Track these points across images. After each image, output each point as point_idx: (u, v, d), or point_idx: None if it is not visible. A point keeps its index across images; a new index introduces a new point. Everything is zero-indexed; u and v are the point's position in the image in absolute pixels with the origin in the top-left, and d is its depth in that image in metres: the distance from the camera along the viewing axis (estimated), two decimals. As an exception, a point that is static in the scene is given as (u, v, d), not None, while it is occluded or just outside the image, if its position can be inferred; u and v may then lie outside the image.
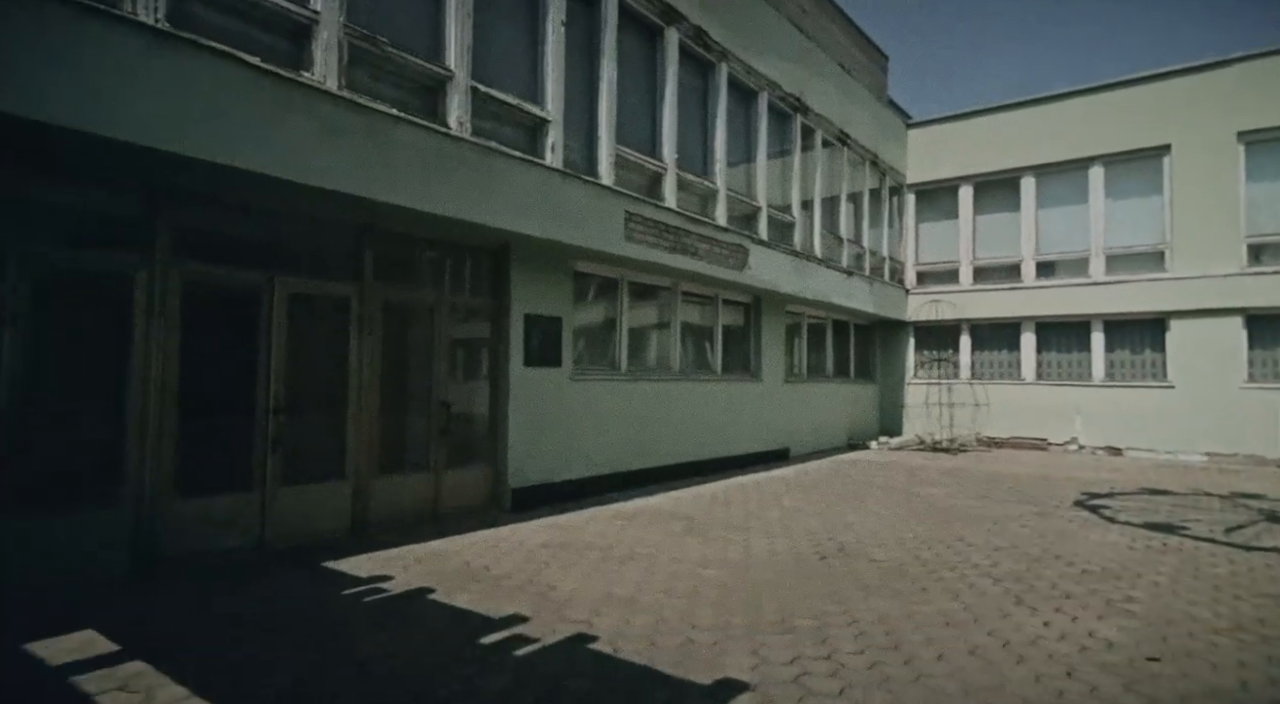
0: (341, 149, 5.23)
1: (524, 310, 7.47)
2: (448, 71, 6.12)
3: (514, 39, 6.95)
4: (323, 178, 5.13)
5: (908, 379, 15.64)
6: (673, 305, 9.71)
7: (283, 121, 4.89)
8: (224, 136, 4.59)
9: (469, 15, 6.28)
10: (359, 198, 5.41)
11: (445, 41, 6.18)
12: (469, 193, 6.14)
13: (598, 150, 7.75)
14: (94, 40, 4.05)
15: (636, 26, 8.40)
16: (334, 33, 5.29)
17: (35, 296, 4.49)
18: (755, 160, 10.56)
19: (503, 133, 6.75)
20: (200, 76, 4.48)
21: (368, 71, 5.67)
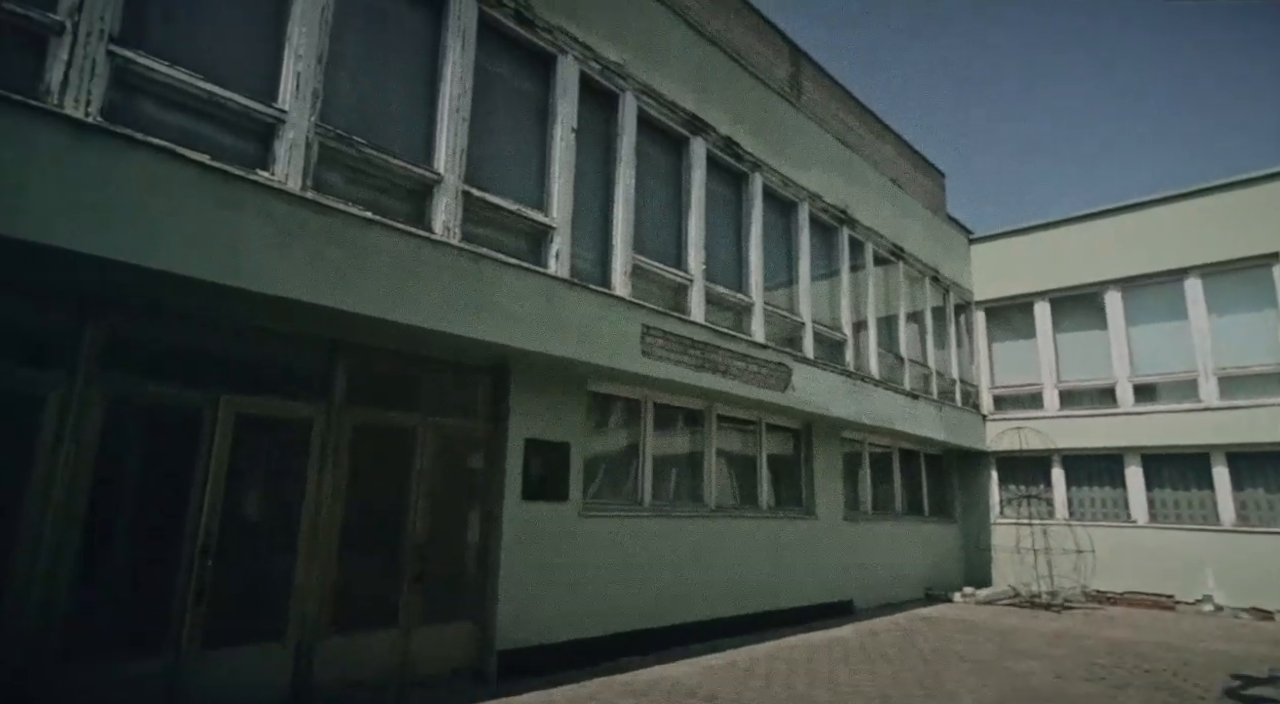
0: (300, 254, 4.66)
1: (524, 434, 6.57)
2: (436, 175, 5.65)
3: (517, 143, 6.53)
4: (277, 285, 4.54)
5: (993, 518, 13.69)
6: (707, 430, 8.63)
7: (230, 223, 4.37)
8: (156, 239, 4.07)
9: (464, 119, 5.89)
10: (322, 308, 4.78)
11: (436, 144, 5.75)
12: (455, 303, 5.47)
13: (611, 259, 7.09)
14: (5, 133, 3.65)
15: (658, 134, 7.98)
16: (303, 132, 4.88)
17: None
18: (797, 273, 9.74)
19: (501, 240, 6.16)
20: (131, 173, 4.02)
21: (342, 173, 5.21)
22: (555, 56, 6.76)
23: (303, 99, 4.92)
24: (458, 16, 5.96)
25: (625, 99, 7.40)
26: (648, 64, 7.65)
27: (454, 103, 5.84)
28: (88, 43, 4.04)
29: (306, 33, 4.99)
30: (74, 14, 4.00)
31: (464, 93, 5.92)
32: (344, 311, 4.90)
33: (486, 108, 6.25)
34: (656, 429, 8.08)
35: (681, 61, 8.11)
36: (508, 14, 6.35)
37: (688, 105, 8.12)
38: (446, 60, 5.88)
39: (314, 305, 4.75)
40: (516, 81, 6.59)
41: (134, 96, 4.30)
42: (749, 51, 9.95)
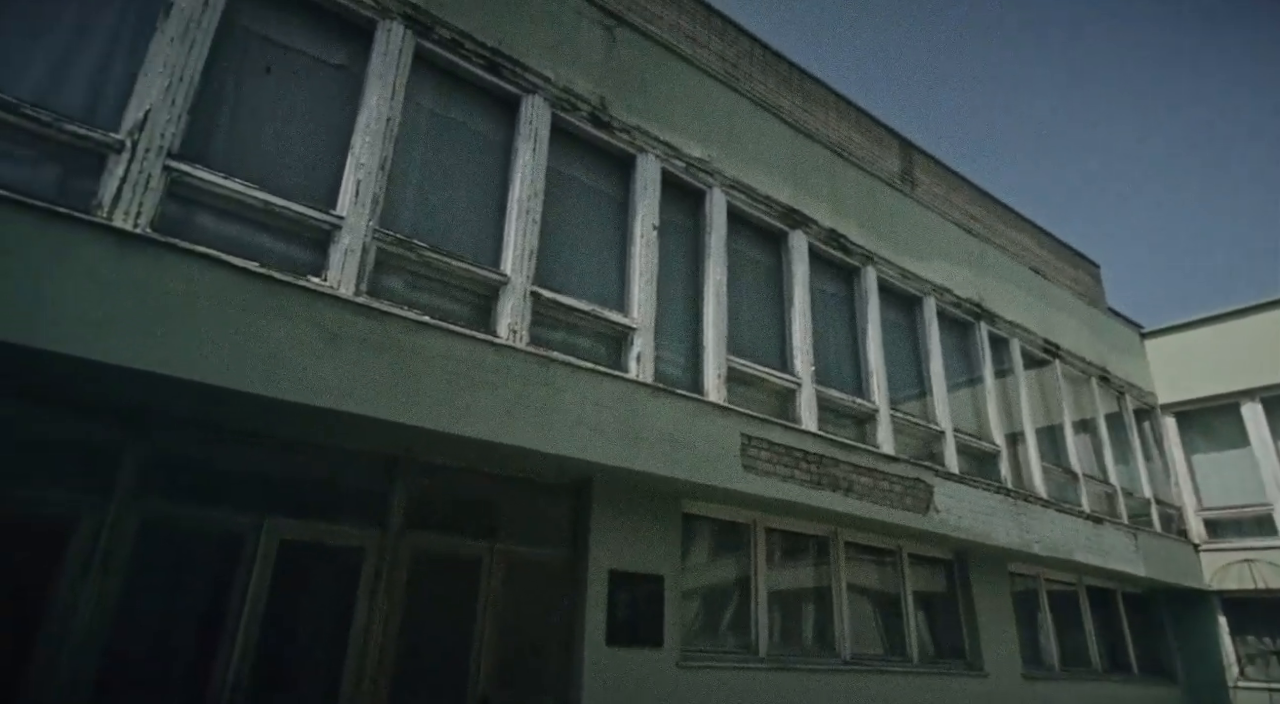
0: (349, 362, 4.31)
1: (608, 564, 5.68)
2: (502, 276, 5.30)
3: (593, 242, 6.15)
4: (323, 395, 4.18)
5: (1231, 679, 10.69)
6: (834, 561, 7.30)
7: (275, 332, 4.11)
8: (196, 350, 3.84)
9: (535, 220, 5.60)
10: (372, 420, 4.36)
11: (503, 245, 5.45)
12: (522, 412, 4.90)
13: (703, 362, 6.36)
14: (48, 245, 3.62)
15: (751, 229, 7.41)
16: (359, 237, 4.70)
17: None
18: (929, 374, 8.50)
19: (575, 343, 5.64)
20: (173, 283, 3.88)
21: (401, 277, 4.96)
22: (634, 156, 6.50)
23: (361, 205, 4.79)
24: (529, 121, 5.84)
25: (713, 195, 6.96)
26: (736, 159, 7.25)
27: (524, 204, 5.59)
28: (145, 158, 4.08)
29: (370, 142, 4.95)
30: (135, 132, 4.09)
31: (535, 194, 5.68)
32: (397, 424, 4.44)
33: (559, 208, 5.97)
34: (771, 559, 6.90)
35: (773, 155, 7.66)
36: (583, 118, 6.20)
37: (783, 198, 7.56)
38: (516, 163, 5.71)
39: (364, 417, 4.34)
40: (592, 181, 6.33)
41: (185, 207, 4.27)
42: (850, 145, 9.44)
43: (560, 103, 6.07)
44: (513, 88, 5.85)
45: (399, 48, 5.27)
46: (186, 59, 4.36)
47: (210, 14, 4.52)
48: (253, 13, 4.85)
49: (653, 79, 6.81)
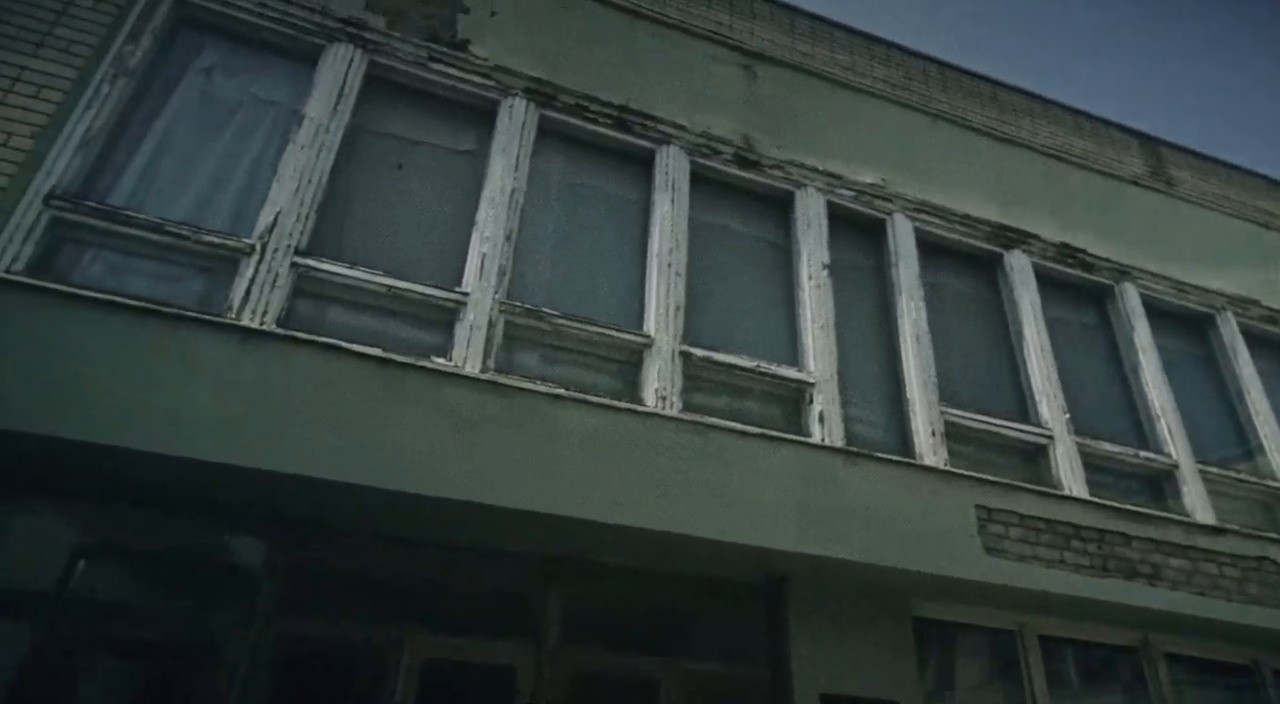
0: (477, 446, 3.84)
1: (818, 687, 4.41)
2: (645, 338, 4.64)
3: (752, 291, 5.32)
4: (449, 485, 3.72)
5: None
6: (1151, 682, 5.24)
7: (395, 419, 3.78)
8: (310, 443, 3.59)
9: (679, 274, 4.94)
10: (507, 510, 3.80)
11: (646, 305, 4.83)
12: (679, 493, 4.07)
13: (910, 418, 5.07)
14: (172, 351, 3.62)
15: (951, 256, 6.12)
16: (485, 312, 4.34)
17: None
18: (1250, 413, 6.26)
19: (739, 407, 4.74)
20: (290, 377, 3.72)
21: (532, 350, 4.49)
22: (791, 192, 5.69)
23: (487, 279, 4.46)
24: (665, 172, 5.33)
25: (894, 222, 5.87)
26: (919, 180, 6.14)
27: (664, 259, 4.97)
28: (273, 258, 4.08)
29: (494, 215, 4.69)
30: (265, 235, 4.13)
31: (677, 246, 5.05)
32: (535, 513, 3.83)
33: (708, 259, 5.26)
34: (1055, 681, 5.09)
35: (969, 169, 6.43)
36: (726, 160, 5.58)
37: (989, 215, 6.23)
38: (654, 216, 5.17)
39: (497, 509, 3.78)
40: (744, 226, 5.59)
41: (310, 301, 4.18)
42: (1071, 150, 7.81)
43: (699, 149, 5.52)
44: (644, 142, 5.43)
45: (521, 121, 5.10)
46: (315, 162, 4.44)
47: (338, 119, 4.64)
48: (378, 115, 4.95)
49: (805, 108, 6.08)
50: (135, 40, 4.37)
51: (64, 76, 4.07)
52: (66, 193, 3.85)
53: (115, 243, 3.95)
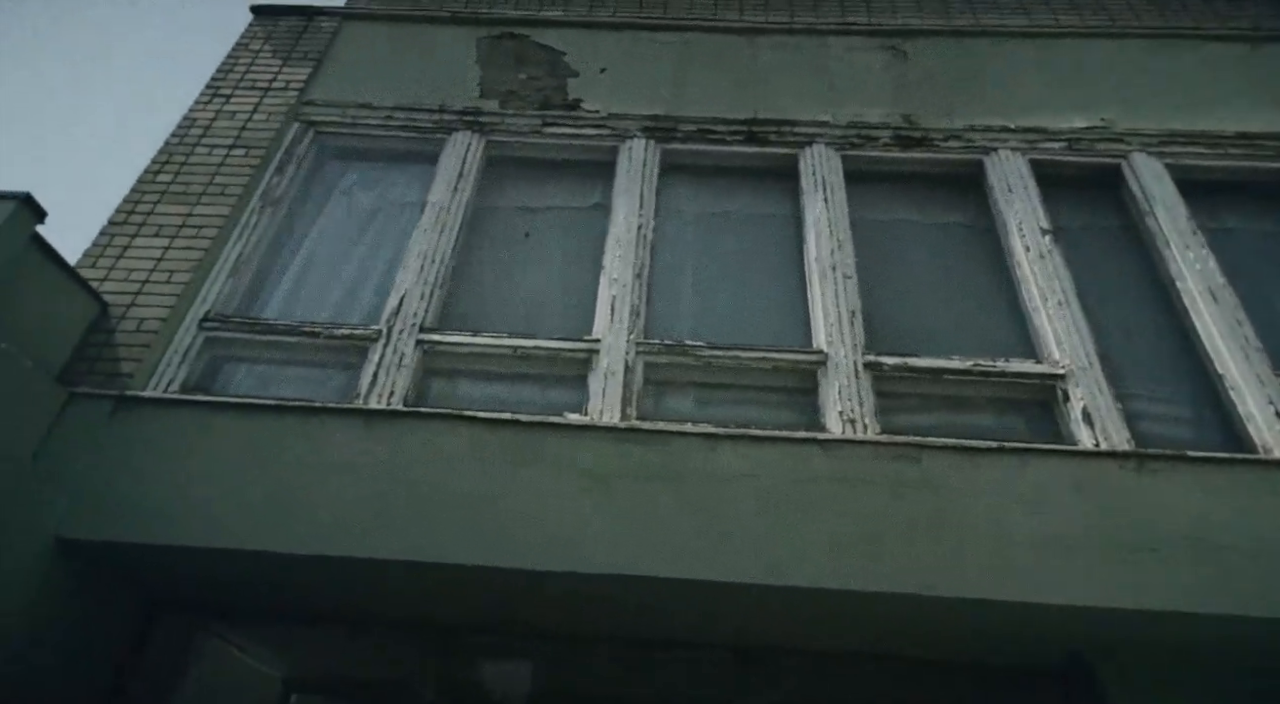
0: (622, 507, 3.17)
1: (1190, 829, 2.84)
2: (816, 354, 3.74)
3: (950, 279, 4.20)
4: (591, 558, 3.05)
5: None
6: None
7: (525, 486, 3.25)
8: (434, 525, 3.16)
9: (848, 277, 4.04)
10: (662, 581, 3.03)
11: (812, 318, 3.95)
12: (887, 537, 3.02)
13: (1229, 400, 3.51)
14: (305, 445, 3.44)
15: (1231, 191, 4.50)
16: (620, 356, 3.76)
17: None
18: None
19: (961, 421, 3.56)
20: (408, 454, 3.37)
21: (680, 390, 3.78)
22: (978, 160, 4.60)
23: (619, 322, 3.92)
24: (813, 173, 4.57)
25: (1133, 163, 4.48)
26: (1154, 108, 4.73)
27: (826, 262, 4.11)
28: (399, 339, 3.90)
29: (621, 255, 4.21)
30: (391, 318, 3.99)
31: (839, 247, 4.18)
32: (700, 582, 3.00)
33: (882, 258, 4.28)
34: None
35: (1224, 80, 4.87)
36: (884, 146, 4.70)
37: (1277, 126, 4.58)
38: (807, 221, 4.37)
39: (650, 580, 3.02)
40: (922, 211, 4.55)
41: (434, 375, 3.89)
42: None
43: (848, 141, 4.72)
44: (782, 149, 4.75)
45: (642, 159, 4.70)
46: (437, 243, 4.33)
47: (458, 199, 4.55)
48: (500, 189, 4.82)
49: (975, 71, 5.07)
50: (281, 172, 4.69)
51: (220, 214, 4.40)
52: (218, 315, 4.01)
53: (259, 352, 4.00)
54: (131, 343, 3.83)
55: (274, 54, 5.39)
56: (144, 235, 4.28)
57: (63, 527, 3.19)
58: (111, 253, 4.20)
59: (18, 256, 3.36)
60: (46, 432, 3.45)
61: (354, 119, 5.01)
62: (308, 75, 5.21)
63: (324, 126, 5.01)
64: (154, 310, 3.95)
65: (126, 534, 3.18)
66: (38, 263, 3.51)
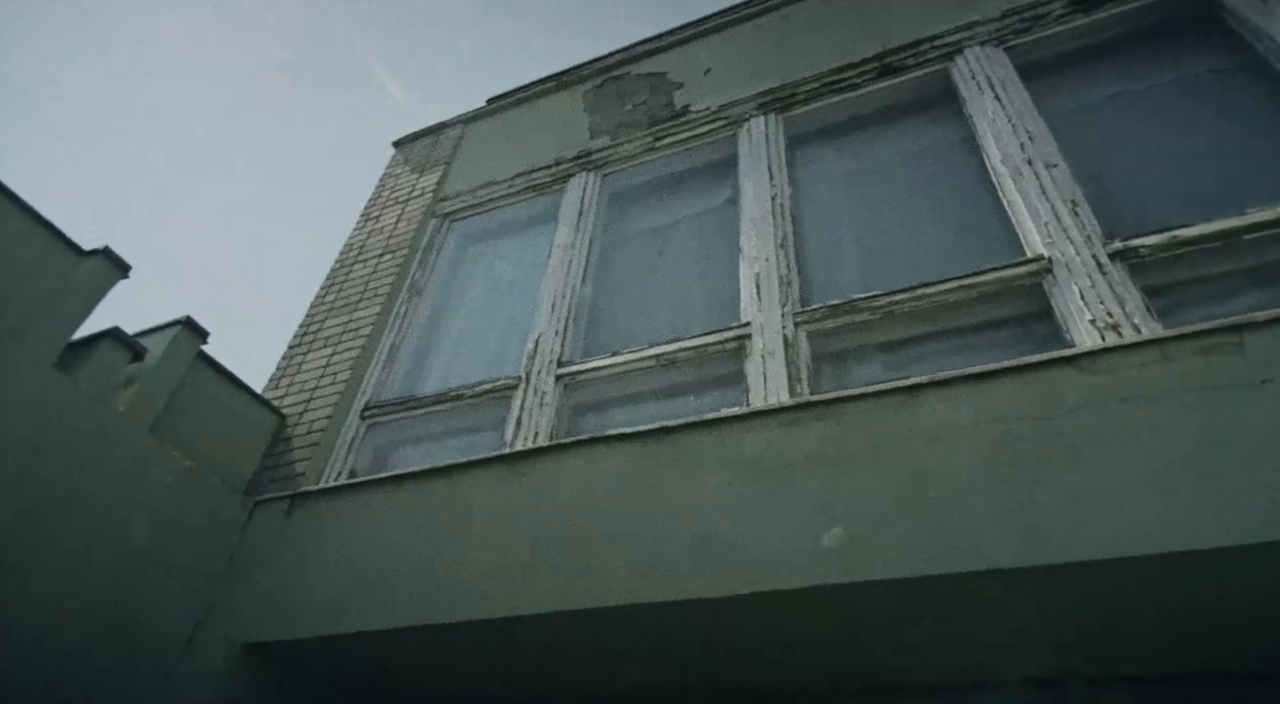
0: (803, 504, 2.42)
1: None
2: (1038, 260, 2.77)
3: (1202, 151, 3.01)
4: (772, 573, 2.32)
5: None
6: None
7: (691, 497, 2.64)
8: (597, 568, 2.64)
9: (1052, 165, 3.05)
10: (871, 585, 2.20)
11: (1016, 223, 2.99)
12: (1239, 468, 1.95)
13: None
14: (455, 508, 3.14)
15: None
16: (776, 332, 3.08)
17: None
18: None
19: None
20: (560, 489, 2.92)
21: (858, 353, 2.97)
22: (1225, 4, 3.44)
23: (768, 297, 3.26)
24: (971, 77, 3.69)
25: None
26: None
27: (1018, 157, 3.17)
28: (538, 379, 3.56)
29: (758, 231, 3.61)
30: (529, 362, 3.68)
31: (1030, 139, 3.22)
32: (925, 579, 2.12)
33: (1087, 136, 3.23)
34: None
35: None
36: (1058, 18, 3.72)
37: None
38: (980, 129, 3.47)
39: (860, 585, 2.19)
40: (1139, 79, 3.43)
41: (578, 408, 3.46)
42: None
43: (1008, 32, 3.81)
44: (925, 69, 3.95)
45: (764, 133, 4.16)
46: (565, 279, 4.05)
47: (583, 234, 4.30)
48: (624, 218, 4.51)
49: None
50: (423, 265, 4.79)
51: (373, 314, 4.53)
52: (376, 403, 3.99)
53: (416, 427, 3.88)
54: (304, 444, 3.88)
55: (412, 170, 5.75)
56: (314, 349, 4.49)
57: (249, 631, 3.10)
58: (290, 371, 4.43)
59: (187, 376, 3.55)
60: (236, 541, 3.50)
61: (481, 198, 5.07)
62: (440, 177, 5.44)
63: (457, 215, 5.12)
64: (321, 410, 4.02)
65: (298, 630, 3.01)
66: (210, 381, 3.71)
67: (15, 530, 2.69)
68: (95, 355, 3.22)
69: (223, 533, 3.45)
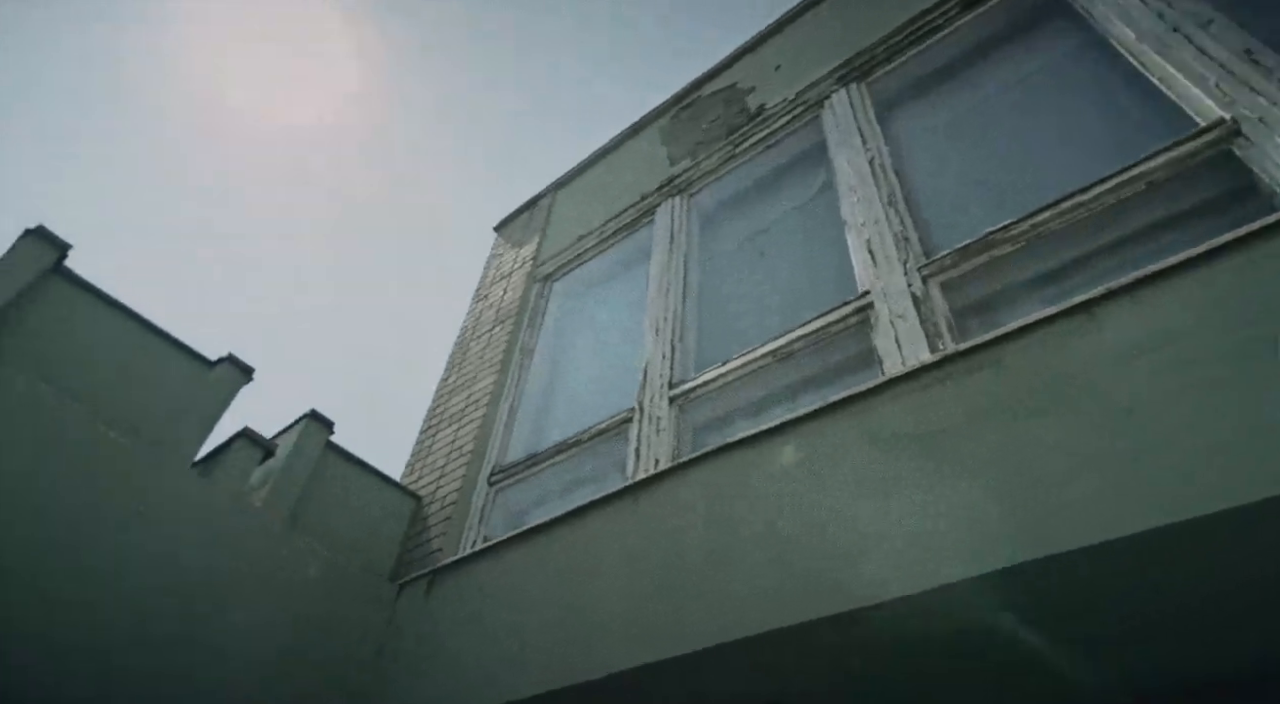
0: (991, 461, 1.95)
1: None
2: (1219, 127, 2.18)
3: None
4: (944, 565, 1.85)
5: None
6: None
7: (833, 491, 2.22)
8: (738, 590, 2.27)
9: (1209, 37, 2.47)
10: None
11: (1169, 90, 2.40)
12: None
13: None
14: (587, 552, 2.87)
15: None
16: (902, 291, 2.63)
17: None
18: None
19: None
20: (681, 515, 2.58)
21: (1006, 294, 2.43)
22: None
23: (885, 259, 2.82)
24: None
25: None
26: None
27: (1160, 36, 2.61)
28: (651, 405, 3.28)
29: (859, 197, 3.20)
30: (640, 392, 3.42)
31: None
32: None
33: None
34: None
35: None
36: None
37: None
38: (1113, 30, 2.93)
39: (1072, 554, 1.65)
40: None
41: (696, 427, 3.11)
42: None
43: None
44: (1015, -19, 3.47)
45: (848, 103, 3.80)
46: (665, 303, 3.80)
47: (676, 257, 4.07)
48: (717, 233, 4.25)
49: None
50: (532, 326, 4.74)
51: (490, 383, 4.49)
52: (500, 468, 3.86)
53: (542, 483, 3.69)
54: (438, 520, 3.80)
55: (513, 245, 5.85)
56: (441, 429, 4.49)
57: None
58: (422, 453, 4.44)
59: (318, 467, 3.59)
60: (384, 628, 3.41)
61: (576, 252, 5.02)
62: (538, 244, 5.48)
63: (556, 274, 5.08)
64: (451, 484, 3.95)
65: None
66: (342, 470, 3.74)
67: (164, 637, 2.71)
68: (229, 457, 3.32)
69: (369, 621, 3.36)
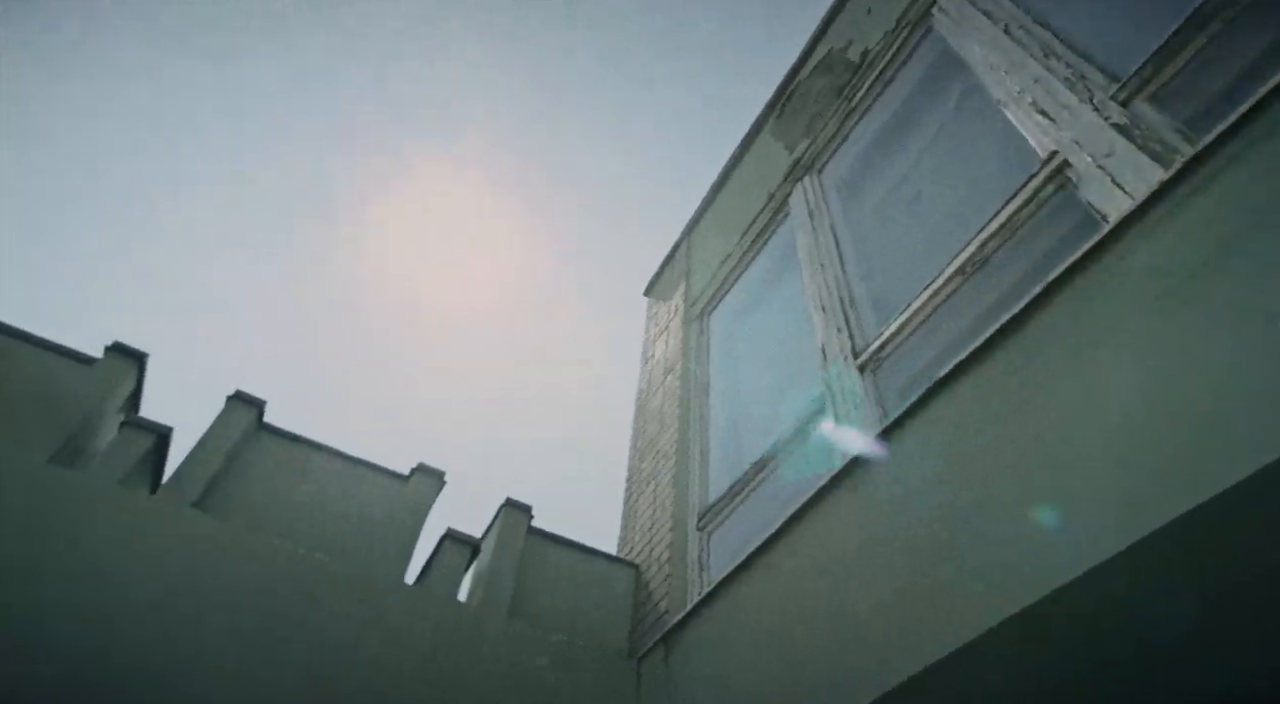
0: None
1: None
2: None
3: None
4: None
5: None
6: None
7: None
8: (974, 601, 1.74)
9: None
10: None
11: None
12: None
13: None
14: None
15: None
16: (1101, 146, 2.04)
17: None
18: None
19: None
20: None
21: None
22: None
23: (1069, 113, 2.24)
24: None
25: None
26: None
27: None
28: (840, 381, 2.81)
29: (1009, 68, 2.64)
30: (823, 372, 2.96)
31: None
32: None
33: None
34: None
35: None
36: None
37: None
38: None
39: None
40: None
41: (893, 392, 2.56)
42: None
43: None
44: None
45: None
46: (825, 277, 3.39)
47: (822, 233, 3.66)
48: (860, 192, 3.79)
49: None
50: (699, 363, 4.48)
51: (673, 431, 4.21)
52: (704, 511, 3.53)
53: (751, 512, 3.28)
54: (659, 581, 3.51)
55: (663, 300, 5.72)
56: (641, 493, 4.28)
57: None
58: (630, 523, 4.23)
59: (526, 554, 3.46)
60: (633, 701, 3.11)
61: (722, 277, 4.76)
62: (684, 288, 5.29)
63: (709, 306, 4.84)
64: (662, 541, 3.66)
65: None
66: (551, 552, 3.58)
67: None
68: (439, 561, 3.29)
69: (616, 698, 3.09)
